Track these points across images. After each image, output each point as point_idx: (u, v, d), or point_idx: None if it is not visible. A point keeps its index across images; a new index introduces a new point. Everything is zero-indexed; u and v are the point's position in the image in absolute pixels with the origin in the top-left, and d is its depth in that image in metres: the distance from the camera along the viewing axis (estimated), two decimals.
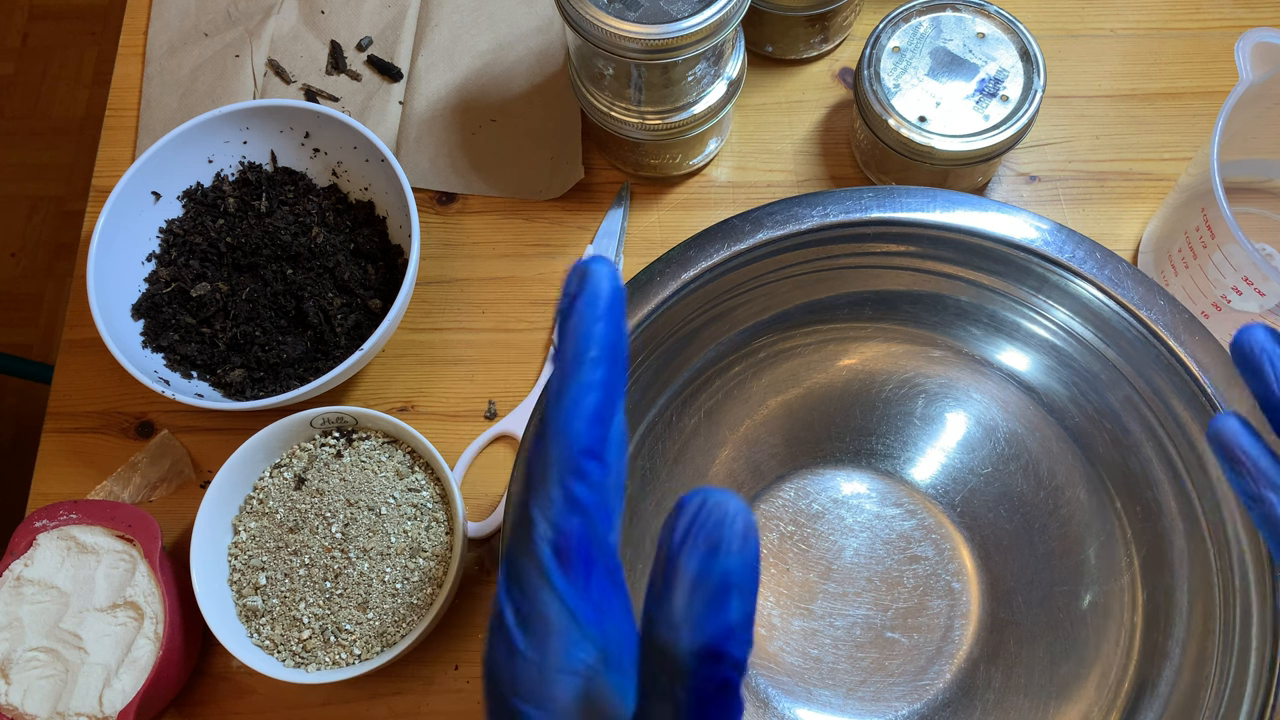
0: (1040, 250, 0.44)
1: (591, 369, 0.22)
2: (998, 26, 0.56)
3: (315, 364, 0.57)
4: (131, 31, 0.69)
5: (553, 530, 0.22)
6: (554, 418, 0.22)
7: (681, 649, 0.20)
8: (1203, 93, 0.64)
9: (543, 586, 0.21)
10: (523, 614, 0.22)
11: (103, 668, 0.50)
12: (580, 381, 0.22)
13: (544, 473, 0.22)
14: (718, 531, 0.20)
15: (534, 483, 0.22)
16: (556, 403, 0.22)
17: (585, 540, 0.22)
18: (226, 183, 0.61)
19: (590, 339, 0.22)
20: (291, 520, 0.53)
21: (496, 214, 0.63)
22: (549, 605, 0.21)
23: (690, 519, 0.20)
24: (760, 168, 0.64)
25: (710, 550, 0.20)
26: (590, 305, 0.23)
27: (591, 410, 0.22)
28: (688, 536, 0.20)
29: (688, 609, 0.20)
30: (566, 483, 0.22)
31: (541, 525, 0.22)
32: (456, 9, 0.67)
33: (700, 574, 0.20)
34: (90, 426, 0.60)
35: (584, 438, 0.22)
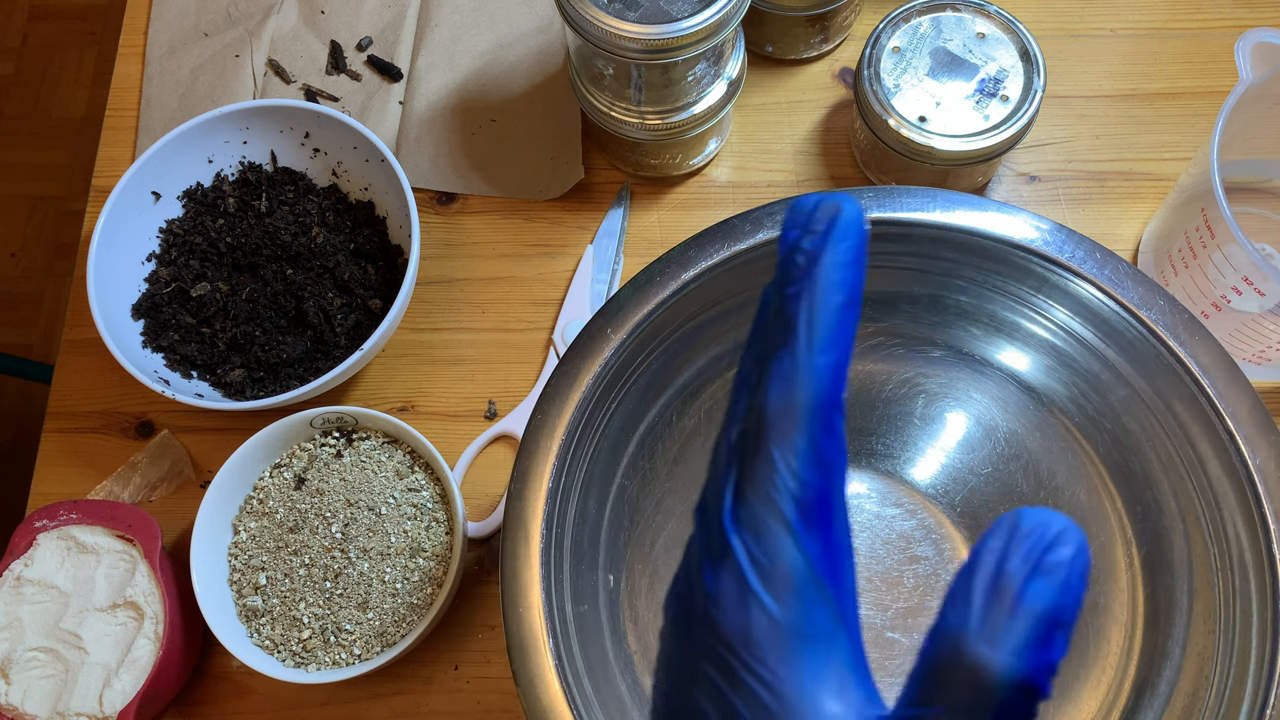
0: (1040, 250, 0.44)
1: (841, 314, 0.21)
2: (998, 26, 0.56)
3: (315, 364, 0.57)
4: (131, 31, 0.69)
5: (797, 482, 0.20)
6: (805, 359, 0.21)
7: (999, 672, 0.19)
8: (1203, 93, 0.64)
9: (786, 539, 0.20)
10: (760, 564, 0.20)
11: (103, 668, 0.50)
12: (831, 328, 0.21)
13: (791, 418, 0.20)
14: (1063, 565, 0.19)
15: (776, 424, 0.21)
16: (809, 345, 0.21)
17: (826, 497, 0.21)
18: (226, 183, 0.61)
19: (842, 285, 0.21)
20: (291, 520, 0.53)
21: (496, 214, 0.63)
22: (793, 562, 0.20)
23: (1037, 543, 0.19)
24: (760, 168, 0.64)
25: (1054, 584, 0.19)
26: (843, 246, 0.21)
27: (841, 362, 0.21)
28: (1032, 562, 0.19)
29: (1017, 636, 0.19)
30: (815, 434, 0.20)
31: (785, 473, 0.20)
32: (456, 9, 0.67)
33: (1040, 606, 0.19)
34: (90, 426, 0.60)
35: (833, 389, 0.21)
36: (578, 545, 0.45)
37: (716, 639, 0.21)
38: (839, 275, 0.21)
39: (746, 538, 0.21)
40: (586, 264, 0.61)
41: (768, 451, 0.21)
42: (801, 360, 0.21)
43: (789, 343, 0.21)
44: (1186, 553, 0.45)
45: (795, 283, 0.21)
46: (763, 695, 0.20)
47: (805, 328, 0.21)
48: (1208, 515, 0.43)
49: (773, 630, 0.20)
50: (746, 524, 0.21)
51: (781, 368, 0.21)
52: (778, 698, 0.20)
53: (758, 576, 0.20)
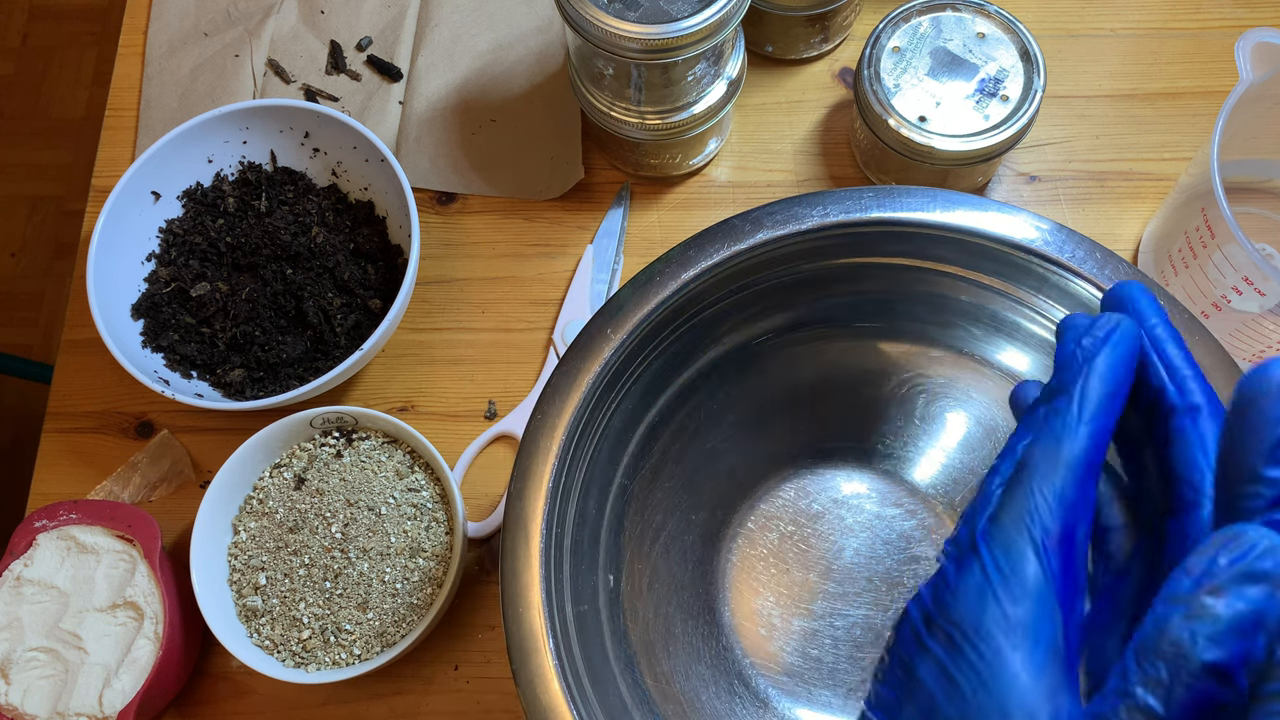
0: (1040, 250, 0.44)
1: (1109, 400, 0.26)
2: (998, 26, 0.56)
3: (315, 364, 0.57)
4: (131, 31, 0.69)
5: (1049, 514, 0.24)
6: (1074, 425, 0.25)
7: (1198, 655, 0.21)
8: (1203, 93, 0.64)
9: (1029, 555, 0.24)
10: (1001, 568, 0.24)
11: (103, 668, 0.50)
12: (1100, 404, 0.26)
13: (1052, 464, 0.25)
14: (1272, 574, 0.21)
15: (1039, 466, 0.25)
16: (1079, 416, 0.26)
17: (1071, 534, 0.24)
18: (226, 183, 0.61)
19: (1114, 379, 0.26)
20: (291, 520, 0.53)
21: (496, 214, 0.63)
22: (1030, 572, 0.24)
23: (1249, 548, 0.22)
24: (760, 168, 0.64)
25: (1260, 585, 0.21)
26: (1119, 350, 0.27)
27: (1104, 431, 0.26)
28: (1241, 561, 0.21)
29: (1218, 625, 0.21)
30: (1070, 482, 0.25)
31: (1040, 504, 0.24)
32: (456, 9, 0.67)
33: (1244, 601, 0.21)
34: (90, 426, 0.60)
35: (1093, 453, 0.25)
36: (578, 545, 0.45)
37: (948, 620, 0.24)
38: (1112, 372, 0.26)
39: (995, 548, 0.24)
40: (586, 264, 0.61)
41: (1029, 487, 0.25)
42: (1070, 425, 0.25)
43: (1062, 410, 0.26)
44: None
45: (1073, 369, 0.26)
46: (980, 668, 0.23)
47: (1078, 402, 0.26)
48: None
49: (1001, 619, 0.24)
50: (996, 539, 0.25)
51: (1051, 427, 0.26)
52: (995, 679, 0.23)
53: (998, 576, 0.24)
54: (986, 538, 0.25)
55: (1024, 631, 0.23)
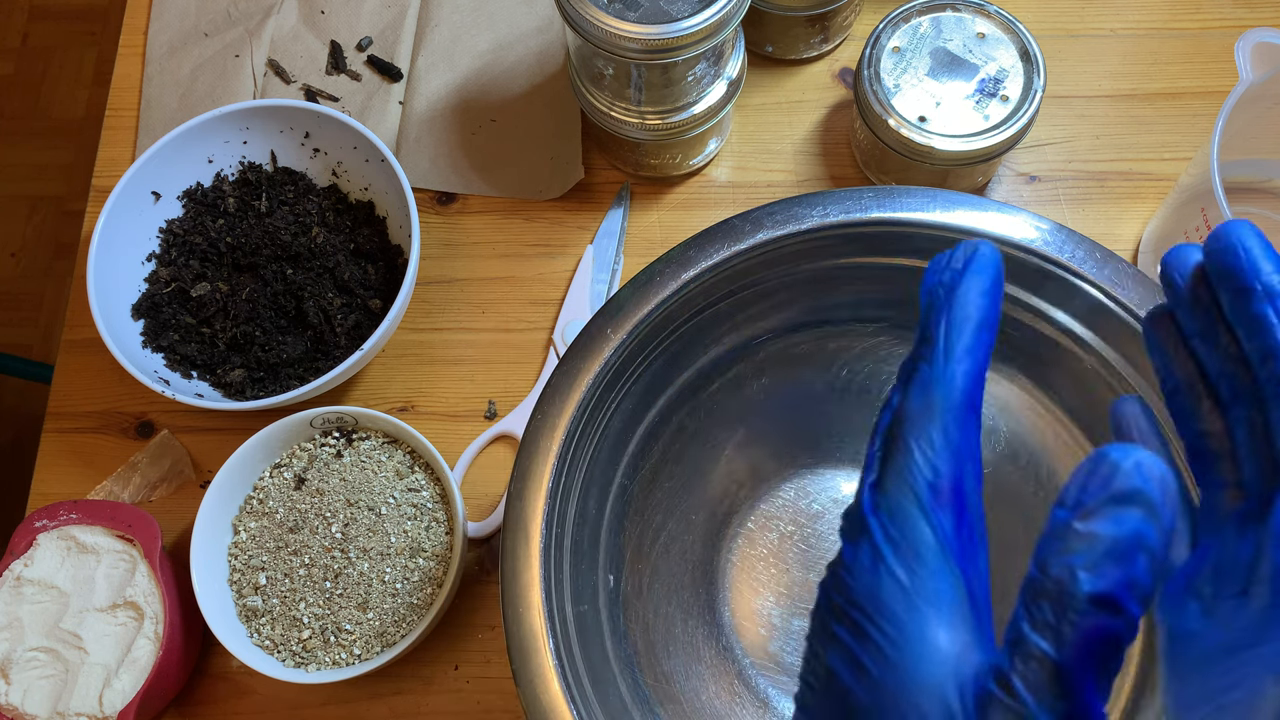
0: (1040, 250, 0.44)
1: (976, 333, 0.25)
2: (998, 26, 0.56)
3: (315, 364, 0.57)
4: (131, 31, 0.69)
5: (930, 469, 0.23)
6: (941, 367, 0.24)
7: (1079, 588, 0.20)
8: (1203, 93, 0.64)
9: (918, 516, 0.23)
10: (892, 538, 0.23)
11: (103, 668, 0.50)
12: (966, 343, 0.24)
13: (927, 414, 0.24)
14: (1142, 491, 0.21)
15: (914, 421, 0.24)
16: (946, 356, 0.24)
17: (959, 485, 0.23)
18: (226, 183, 0.61)
19: (978, 307, 0.25)
20: (291, 520, 0.53)
21: (496, 214, 0.63)
22: (921, 536, 0.23)
23: (1114, 471, 0.21)
24: (760, 168, 0.64)
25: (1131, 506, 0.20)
26: (982, 278, 0.25)
27: (975, 370, 0.24)
28: (1109, 485, 0.21)
29: (1094, 553, 0.20)
30: (949, 428, 0.24)
31: (920, 460, 0.23)
32: (456, 9, 0.67)
33: (1116, 524, 0.20)
34: (90, 426, 0.60)
35: (968, 392, 0.24)
36: (578, 545, 0.45)
37: (848, 602, 0.23)
38: (974, 300, 0.25)
39: (883, 517, 0.23)
40: (586, 264, 0.61)
41: (906, 443, 0.24)
42: (938, 368, 0.24)
43: (928, 355, 0.25)
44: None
45: (935, 309, 0.25)
46: (886, 649, 0.23)
47: (942, 341, 0.25)
48: None
49: (900, 593, 0.23)
50: (883, 506, 0.24)
51: (920, 375, 0.24)
52: (901, 655, 0.22)
53: (890, 548, 0.23)
54: (873, 507, 0.24)
55: (924, 598, 0.23)
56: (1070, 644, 0.21)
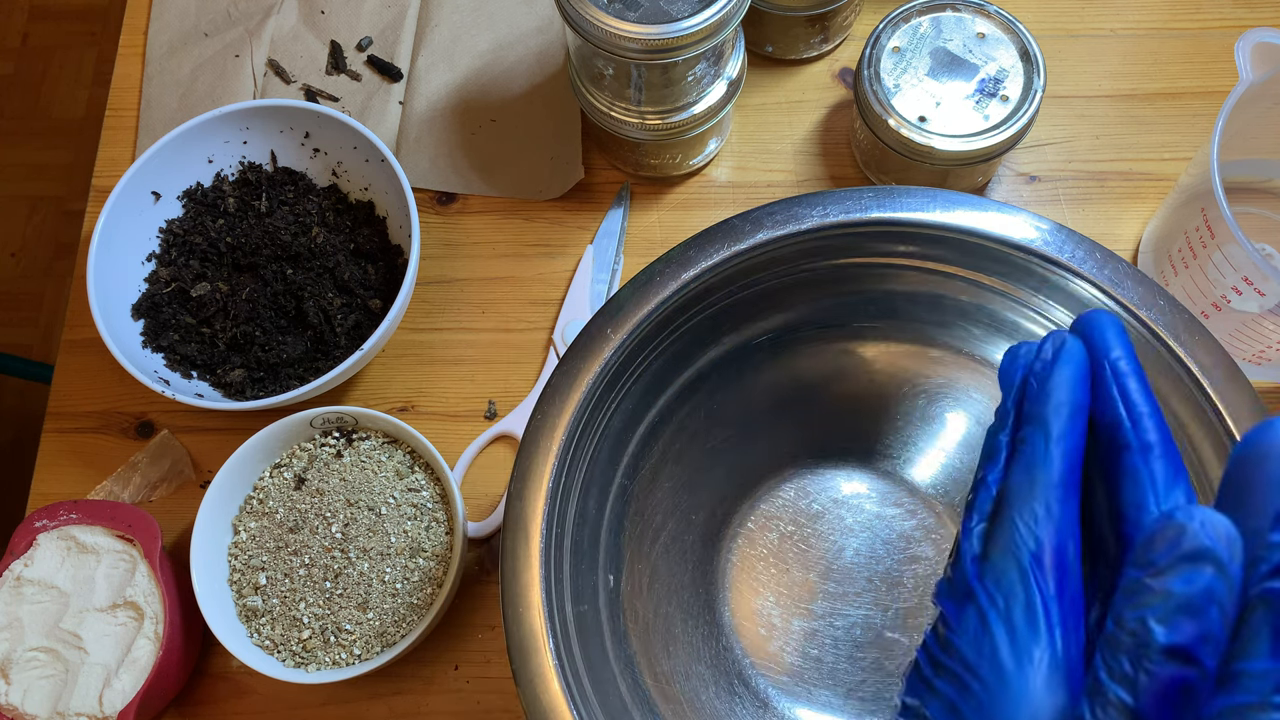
0: (1040, 250, 0.44)
1: (1071, 418, 0.27)
2: (998, 26, 0.56)
3: (315, 364, 0.57)
4: (131, 31, 0.69)
5: (1034, 539, 0.25)
6: (1043, 449, 0.26)
7: (1155, 640, 0.22)
8: (1203, 93, 0.64)
9: (1017, 581, 0.25)
10: (996, 600, 0.25)
11: (103, 668, 0.50)
12: (1063, 424, 0.26)
13: (1030, 491, 0.26)
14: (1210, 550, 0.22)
15: (1017, 497, 0.26)
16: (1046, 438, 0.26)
17: (1060, 553, 0.25)
18: (226, 183, 0.61)
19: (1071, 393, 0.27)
20: (291, 520, 0.53)
21: (496, 214, 0.63)
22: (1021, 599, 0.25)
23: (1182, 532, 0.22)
24: (760, 168, 0.64)
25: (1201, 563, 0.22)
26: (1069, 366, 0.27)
27: (1074, 449, 0.26)
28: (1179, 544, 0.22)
29: (1168, 608, 0.22)
30: (1051, 503, 0.25)
31: (1023, 531, 0.25)
32: (456, 9, 0.67)
33: (1188, 581, 0.22)
34: (90, 426, 0.60)
35: (1066, 471, 0.26)
36: (578, 545, 0.45)
37: (954, 660, 0.25)
38: (1067, 387, 0.27)
39: (989, 584, 0.25)
40: (586, 264, 0.61)
41: (1010, 518, 0.26)
42: (1039, 450, 0.26)
43: (1029, 438, 0.26)
44: None
45: (1031, 397, 0.27)
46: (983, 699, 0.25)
47: (1043, 425, 0.27)
48: None
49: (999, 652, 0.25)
50: (988, 575, 0.26)
51: (1023, 457, 0.26)
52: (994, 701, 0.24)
53: (994, 612, 0.25)
54: (978, 577, 0.26)
55: (1022, 657, 0.24)
56: (1147, 692, 0.22)
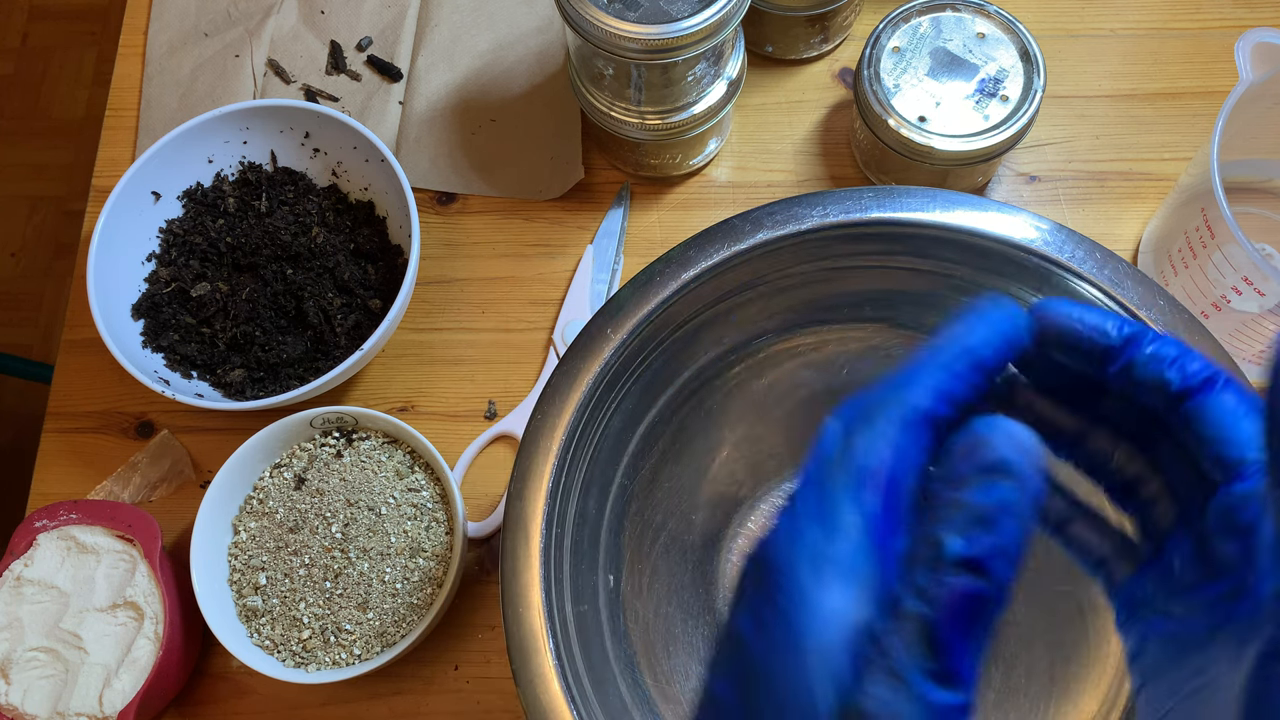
0: (1040, 250, 0.44)
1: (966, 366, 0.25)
2: (998, 26, 0.56)
3: (315, 364, 0.57)
4: (131, 31, 0.69)
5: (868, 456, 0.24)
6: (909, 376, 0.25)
7: (948, 552, 0.22)
8: (1203, 93, 0.64)
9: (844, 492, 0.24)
10: (816, 507, 0.24)
11: (103, 668, 0.50)
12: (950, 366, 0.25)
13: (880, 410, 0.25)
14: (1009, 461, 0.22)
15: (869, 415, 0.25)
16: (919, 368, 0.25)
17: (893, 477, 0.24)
18: (226, 183, 0.61)
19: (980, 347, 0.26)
20: (291, 520, 0.53)
21: (496, 214, 0.63)
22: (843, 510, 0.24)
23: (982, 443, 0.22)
24: (760, 168, 0.64)
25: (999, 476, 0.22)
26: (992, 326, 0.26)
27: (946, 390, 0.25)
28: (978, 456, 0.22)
29: (964, 520, 0.22)
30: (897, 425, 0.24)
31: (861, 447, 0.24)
32: (456, 9, 0.67)
33: (984, 493, 0.22)
34: (90, 426, 0.60)
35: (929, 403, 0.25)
36: (578, 545, 0.45)
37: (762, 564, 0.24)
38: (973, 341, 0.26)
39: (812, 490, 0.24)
40: (586, 264, 0.61)
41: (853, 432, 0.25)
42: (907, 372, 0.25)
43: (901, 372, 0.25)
44: None
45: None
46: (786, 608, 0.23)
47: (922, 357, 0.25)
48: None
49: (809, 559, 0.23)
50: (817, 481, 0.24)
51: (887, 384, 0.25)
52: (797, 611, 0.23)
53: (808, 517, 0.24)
54: (807, 484, 0.25)
55: (833, 567, 0.23)
56: (939, 604, 0.21)
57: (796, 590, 0.23)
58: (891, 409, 0.25)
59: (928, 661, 0.22)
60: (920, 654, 0.22)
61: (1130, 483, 0.31)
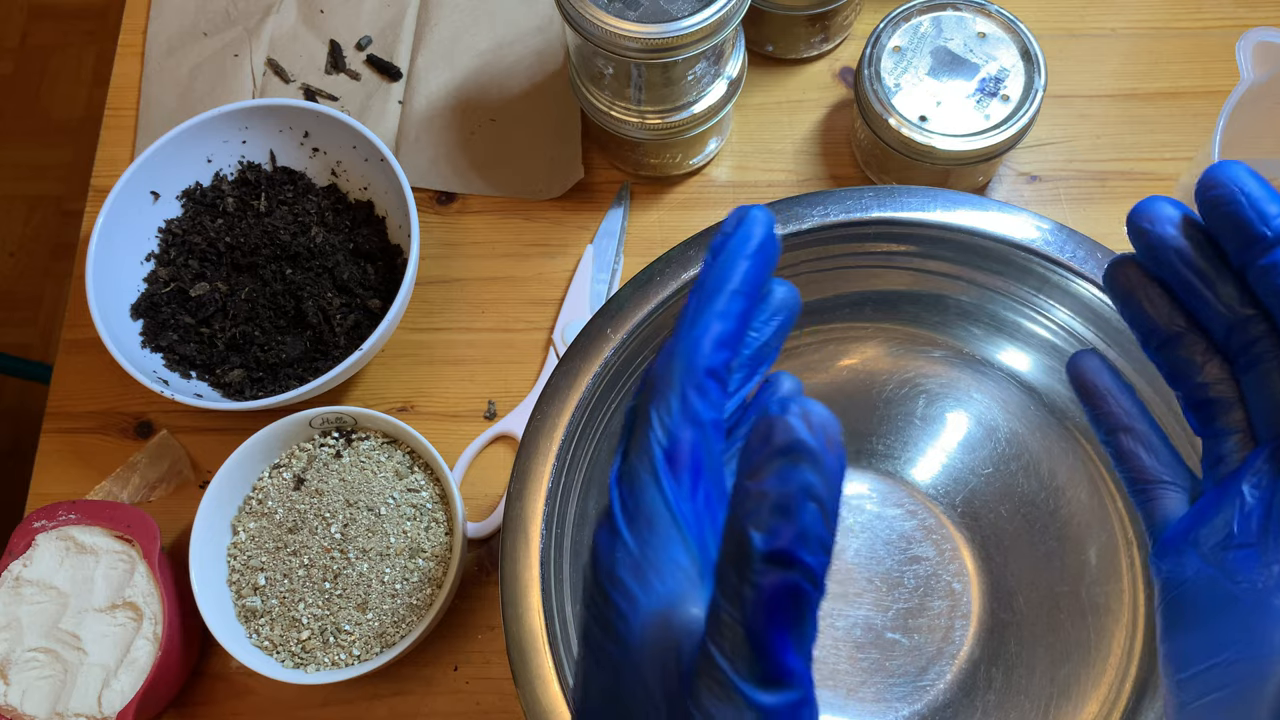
0: (1041, 250, 0.44)
1: (729, 300, 0.24)
2: (998, 26, 0.56)
3: (314, 364, 0.57)
4: (130, 31, 0.69)
5: (667, 436, 0.23)
6: (685, 336, 0.24)
7: (754, 548, 0.20)
8: (1204, 92, 0.64)
9: (651, 485, 0.23)
10: (628, 508, 0.23)
11: (102, 668, 0.50)
12: (716, 308, 0.24)
13: (668, 382, 0.23)
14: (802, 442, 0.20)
15: (657, 389, 0.23)
16: (690, 324, 0.24)
17: (697, 451, 0.23)
18: (225, 182, 0.61)
19: (734, 273, 0.24)
20: (291, 520, 0.53)
21: (496, 214, 0.63)
22: (654, 504, 0.23)
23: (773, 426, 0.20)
24: (760, 167, 0.63)
25: (793, 458, 0.20)
26: (742, 244, 0.25)
27: (721, 335, 0.24)
28: (771, 440, 0.20)
29: (763, 511, 0.20)
30: (687, 395, 0.23)
31: (658, 429, 0.23)
32: (456, 8, 0.67)
33: (781, 480, 0.20)
34: (89, 426, 0.60)
35: (710, 358, 0.23)
36: (578, 545, 0.45)
37: (592, 580, 0.23)
38: (733, 264, 0.24)
39: (623, 488, 0.23)
40: (586, 264, 0.61)
41: (646, 412, 0.23)
42: (682, 332, 0.24)
43: (676, 325, 0.24)
44: None
45: (697, 279, 0.25)
46: (614, 622, 0.23)
47: (691, 311, 0.24)
48: None
49: (631, 562, 0.23)
50: (625, 477, 0.23)
51: (666, 344, 0.24)
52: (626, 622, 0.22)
53: (624, 518, 0.23)
54: (616, 479, 0.24)
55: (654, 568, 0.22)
56: (753, 605, 0.20)
57: (625, 599, 0.22)
58: (674, 379, 0.23)
59: (755, 665, 0.21)
60: (745, 659, 0.21)
61: (1212, 402, 0.28)
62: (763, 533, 0.20)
